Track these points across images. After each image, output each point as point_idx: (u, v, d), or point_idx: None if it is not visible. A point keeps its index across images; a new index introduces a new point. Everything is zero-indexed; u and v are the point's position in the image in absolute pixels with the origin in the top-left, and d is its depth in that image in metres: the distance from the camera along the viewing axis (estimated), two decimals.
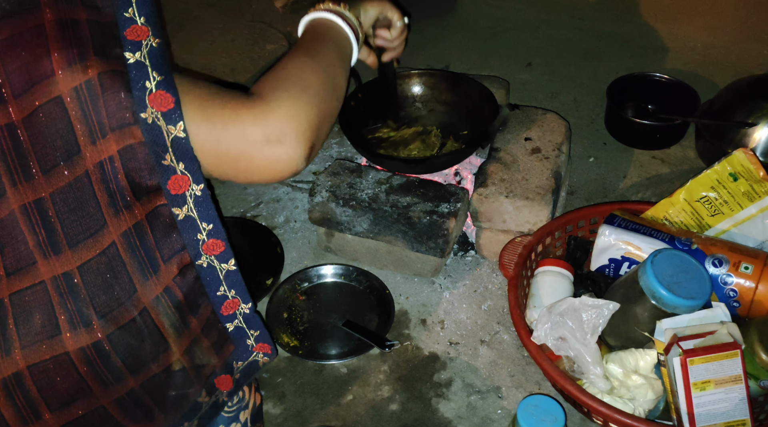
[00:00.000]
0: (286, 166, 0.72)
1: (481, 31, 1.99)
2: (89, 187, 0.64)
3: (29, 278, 0.64)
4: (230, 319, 0.81)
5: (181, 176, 0.69)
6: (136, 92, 0.64)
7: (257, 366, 0.88)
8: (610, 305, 0.96)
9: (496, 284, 1.25)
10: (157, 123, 0.66)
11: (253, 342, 0.85)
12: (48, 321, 0.64)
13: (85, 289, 0.65)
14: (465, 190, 1.23)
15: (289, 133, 0.71)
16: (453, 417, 1.05)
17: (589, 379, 0.95)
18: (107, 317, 0.66)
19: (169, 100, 0.66)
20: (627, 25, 1.96)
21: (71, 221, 0.63)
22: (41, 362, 0.65)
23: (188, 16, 2.07)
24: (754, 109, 1.36)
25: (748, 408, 0.88)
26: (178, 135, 0.67)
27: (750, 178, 1.07)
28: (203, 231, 0.73)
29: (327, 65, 0.82)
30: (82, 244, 0.64)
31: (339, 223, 1.22)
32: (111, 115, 0.63)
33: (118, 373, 0.69)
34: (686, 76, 1.63)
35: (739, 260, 1.00)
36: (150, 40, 0.66)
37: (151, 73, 0.66)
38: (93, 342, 0.66)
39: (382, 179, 1.24)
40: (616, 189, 1.44)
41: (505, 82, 1.44)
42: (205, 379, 0.80)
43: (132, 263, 0.67)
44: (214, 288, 0.78)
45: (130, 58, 0.64)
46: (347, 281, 1.25)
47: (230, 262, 0.77)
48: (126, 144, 0.65)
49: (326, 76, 0.80)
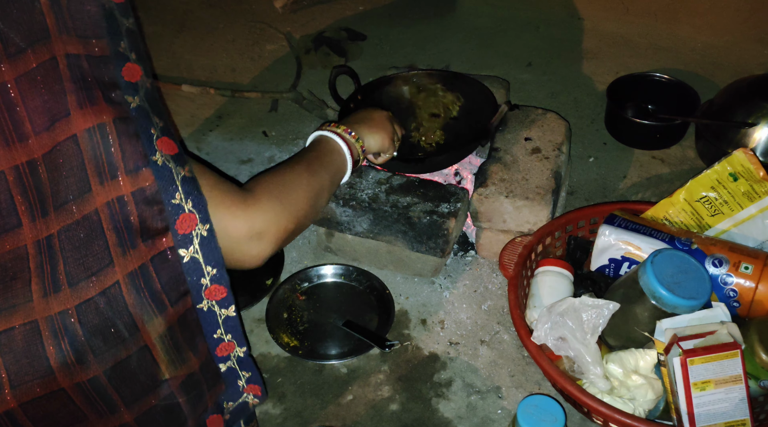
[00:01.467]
0: (254, 260, 0.81)
1: (481, 31, 1.99)
2: (98, 225, 0.65)
3: (19, 317, 0.63)
4: (224, 360, 0.83)
5: (189, 215, 0.70)
6: (143, 137, 0.67)
7: (247, 408, 0.89)
8: (610, 305, 0.96)
9: (496, 284, 1.25)
10: (168, 164, 0.69)
11: (244, 383, 0.87)
12: (38, 360, 0.63)
13: (82, 327, 0.64)
14: (465, 190, 1.23)
15: (268, 235, 0.80)
16: (453, 417, 1.05)
17: (589, 379, 0.95)
18: (105, 355, 0.66)
19: (173, 145, 0.70)
20: (627, 25, 1.97)
21: (74, 259, 0.64)
22: (35, 400, 0.65)
23: (189, 17, 2.07)
24: (754, 109, 1.36)
25: (748, 408, 0.88)
26: (186, 175, 0.70)
27: (750, 178, 1.07)
28: (207, 275, 0.74)
29: (320, 186, 0.93)
30: (83, 283, 0.64)
31: (339, 223, 1.22)
32: (127, 158, 0.65)
33: (114, 405, 0.69)
34: (686, 76, 1.63)
35: (739, 260, 1.00)
36: (144, 82, 0.68)
37: (153, 118, 0.68)
38: (88, 378, 0.66)
39: (382, 179, 1.24)
40: (616, 189, 1.44)
41: (505, 82, 1.44)
42: (198, 416, 0.80)
43: (135, 304, 0.67)
44: (212, 331, 0.79)
45: (131, 103, 0.66)
46: (347, 281, 1.26)
47: (230, 308, 0.79)
48: (139, 186, 0.66)
49: (315, 196, 0.90)
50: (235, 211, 0.76)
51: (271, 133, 1.62)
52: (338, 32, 1.94)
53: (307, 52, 1.87)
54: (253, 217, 0.78)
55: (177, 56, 1.90)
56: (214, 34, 1.99)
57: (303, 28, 1.99)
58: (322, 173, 0.94)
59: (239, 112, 1.69)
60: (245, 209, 0.77)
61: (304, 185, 0.89)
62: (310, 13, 2.07)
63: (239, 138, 1.60)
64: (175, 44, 1.94)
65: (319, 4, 2.10)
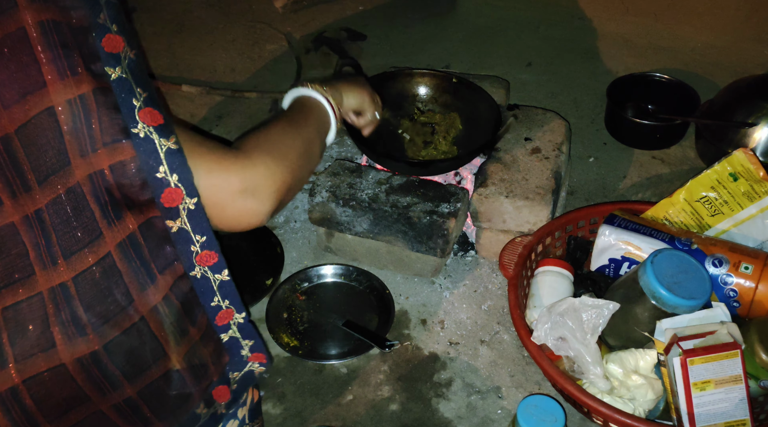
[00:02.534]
0: (252, 218, 0.77)
1: (481, 31, 1.99)
2: (83, 197, 0.64)
3: (26, 291, 0.63)
4: (224, 329, 0.82)
5: (175, 189, 0.69)
6: (124, 109, 0.65)
7: (253, 376, 0.88)
8: (610, 305, 0.96)
9: (496, 284, 1.25)
10: (150, 136, 0.67)
11: (248, 352, 0.86)
12: (42, 334, 0.64)
13: (80, 299, 0.64)
14: (465, 190, 1.23)
15: (263, 188, 0.77)
16: (453, 417, 1.05)
17: (589, 379, 0.95)
18: (103, 327, 0.66)
19: (158, 116, 0.68)
20: (627, 25, 1.97)
21: (64, 232, 0.63)
22: (37, 375, 0.65)
23: (189, 17, 2.07)
24: (754, 109, 1.36)
25: (748, 408, 0.88)
26: (171, 147, 0.68)
27: (750, 178, 1.07)
28: (197, 243, 0.73)
29: (307, 137, 0.90)
30: (76, 255, 0.64)
31: (339, 223, 1.22)
32: (104, 131, 0.64)
33: (116, 380, 0.69)
34: (686, 76, 1.63)
35: (739, 260, 1.00)
36: (127, 52, 0.66)
37: (136, 89, 0.67)
38: (90, 352, 0.66)
39: (382, 179, 1.24)
40: (616, 189, 1.44)
41: (505, 82, 1.44)
42: (203, 389, 0.80)
43: (129, 273, 0.67)
44: (209, 299, 0.78)
45: (111, 74, 0.65)
46: (347, 281, 1.25)
47: (224, 272, 0.78)
48: (117, 160, 0.65)
49: (304, 146, 0.87)
50: (225, 165, 0.74)
51: None
52: (338, 32, 1.94)
53: (307, 52, 1.87)
54: (244, 170, 0.75)
55: (176, 56, 1.90)
56: (214, 34, 1.99)
57: (303, 28, 1.99)
58: (307, 125, 0.92)
59: (239, 112, 1.69)
60: (235, 162, 0.75)
61: (292, 138, 0.86)
62: (310, 13, 2.07)
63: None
64: (174, 44, 1.94)
65: (319, 4, 2.09)
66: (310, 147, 0.90)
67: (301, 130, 0.89)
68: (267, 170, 0.77)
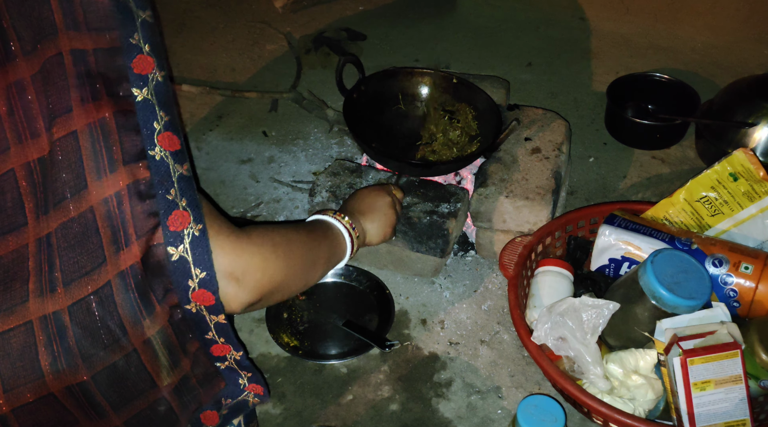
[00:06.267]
0: (229, 303, 0.74)
1: (481, 31, 1.99)
2: (93, 223, 0.64)
3: (16, 318, 0.63)
4: (221, 360, 0.80)
5: (183, 212, 0.69)
6: (145, 131, 0.66)
7: (246, 406, 0.87)
8: (610, 305, 0.96)
9: (496, 284, 1.25)
10: (166, 160, 0.67)
11: (246, 382, 0.84)
12: (30, 363, 0.63)
13: (73, 328, 0.64)
14: (465, 190, 1.23)
15: (249, 278, 0.74)
16: (453, 417, 1.05)
17: (589, 379, 0.95)
18: (94, 358, 0.65)
19: (176, 141, 0.68)
20: (627, 25, 1.97)
21: (69, 258, 0.64)
22: (26, 405, 0.64)
23: (189, 17, 2.07)
24: (754, 109, 1.36)
25: (748, 408, 0.88)
26: (184, 173, 0.69)
27: (750, 178, 1.07)
28: (195, 278, 0.70)
29: (316, 253, 0.89)
30: (76, 282, 0.64)
31: None
32: (125, 152, 0.64)
33: (102, 410, 0.69)
34: (686, 76, 1.63)
35: (739, 260, 1.00)
36: (156, 74, 0.67)
37: (158, 112, 0.67)
38: (77, 382, 0.65)
39: (382, 179, 1.24)
40: (616, 189, 1.44)
41: (505, 82, 1.44)
42: (190, 414, 0.79)
43: (125, 305, 0.66)
44: (203, 332, 0.76)
45: (137, 95, 0.65)
46: (347, 281, 1.26)
47: (220, 316, 0.75)
48: (134, 179, 0.65)
49: (310, 259, 0.87)
50: (222, 241, 0.72)
51: (271, 133, 1.62)
52: (338, 32, 1.94)
53: (307, 52, 1.87)
54: (238, 253, 0.73)
55: (177, 56, 1.90)
56: (214, 34, 1.99)
57: (303, 28, 1.99)
58: (320, 249, 0.91)
59: (239, 111, 1.69)
60: (233, 242, 0.73)
61: (302, 245, 0.85)
62: (310, 13, 2.07)
63: (239, 138, 1.60)
64: (175, 44, 1.94)
65: (319, 4, 2.09)
66: (314, 264, 0.89)
67: (313, 245, 0.89)
68: (262, 261, 0.76)
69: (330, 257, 0.94)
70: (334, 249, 0.95)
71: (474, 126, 1.33)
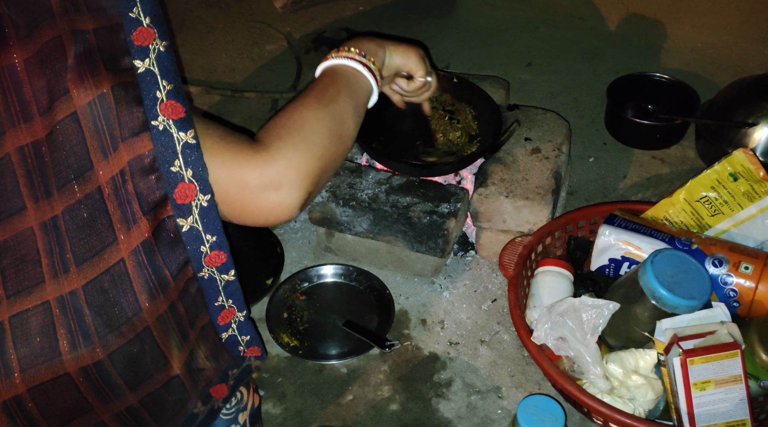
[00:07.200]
0: (280, 213, 0.74)
1: (481, 31, 1.98)
2: (101, 203, 0.64)
3: (33, 299, 0.63)
4: (225, 329, 0.82)
5: (189, 184, 0.68)
6: (147, 102, 0.65)
7: (250, 370, 0.88)
8: (610, 305, 0.96)
9: (496, 284, 1.25)
10: (169, 130, 0.66)
11: (244, 347, 0.86)
12: (48, 343, 0.64)
13: (89, 307, 0.64)
14: (465, 190, 1.23)
15: (286, 182, 0.73)
16: (453, 417, 1.05)
17: (589, 379, 0.95)
18: (109, 337, 0.66)
19: (180, 109, 0.67)
20: (627, 25, 1.96)
21: (79, 239, 0.64)
22: (42, 384, 0.64)
23: (189, 16, 2.07)
24: (754, 109, 1.36)
25: (748, 408, 0.88)
26: (189, 141, 0.68)
27: (750, 178, 1.07)
28: (207, 243, 0.72)
29: (338, 113, 0.82)
30: (88, 262, 0.64)
31: (339, 223, 1.22)
32: (123, 126, 0.64)
33: (118, 390, 0.69)
34: (686, 76, 1.63)
35: (739, 260, 1.00)
36: (157, 44, 0.66)
37: (161, 81, 0.66)
38: (94, 362, 0.66)
39: (382, 179, 1.24)
40: (616, 189, 1.44)
41: (505, 82, 1.44)
42: (201, 390, 0.80)
43: (139, 282, 0.66)
44: (213, 299, 0.77)
45: (139, 67, 0.65)
46: (347, 281, 1.25)
47: (230, 272, 0.77)
48: (136, 154, 0.65)
49: (334, 125, 0.80)
50: (242, 161, 0.71)
51: None
52: (338, 32, 1.94)
53: (307, 52, 1.87)
54: (262, 166, 0.71)
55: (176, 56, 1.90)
56: (214, 34, 1.99)
57: (303, 28, 1.99)
58: (338, 99, 0.83)
59: (239, 111, 1.69)
60: (252, 157, 0.71)
61: (319, 119, 0.79)
62: (310, 13, 2.07)
63: None
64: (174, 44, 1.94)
65: (319, 4, 2.09)
66: (341, 125, 0.82)
67: (330, 107, 0.81)
68: (288, 163, 0.73)
69: (356, 102, 0.86)
70: (354, 90, 0.86)
71: (474, 126, 1.33)
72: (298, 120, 0.78)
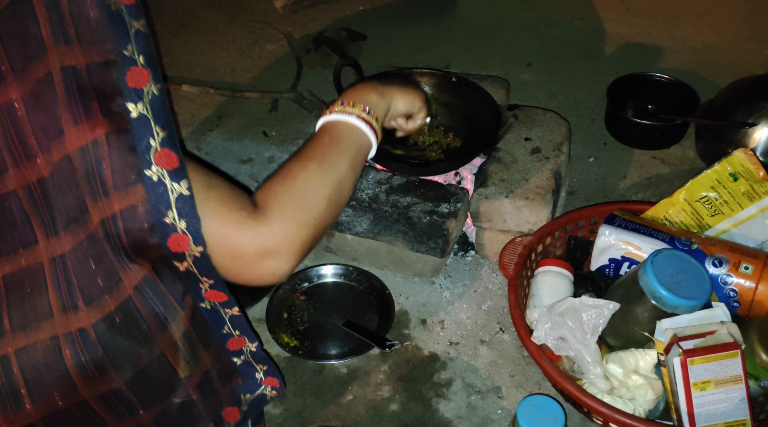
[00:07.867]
0: (271, 277, 0.74)
1: (481, 31, 1.99)
2: (101, 244, 0.64)
3: (41, 332, 0.64)
4: (237, 354, 0.82)
5: (182, 236, 0.67)
6: (140, 149, 0.63)
7: (265, 400, 0.88)
8: (610, 305, 0.96)
9: (496, 284, 1.25)
10: (163, 180, 0.65)
11: (262, 376, 0.86)
12: (59, 375, 0.64)
13: (101, 345, 0.65)
14: (465, 191, 1.23)
15: (283, 251, 0.72)
16: (453, 417, 1.05)
17: (589, 379, 0.95)
18: (124, 368, 0.67)
19: (174, 158, 0.66)
20: (627, 25, 1.97)
21: (86, 278, 0.65)
22: (57, 413, 0.66)
23: (189, 16, 2.07)
24: (754, 109, 1.36)
25: (748, 408, 0.88)
26: (183, 193, 0.66)
27: (750, 178, 1.07)
28: (204, 283, 0.73)
29: (337, 179, 0.79)
30: (98, 301, 0.65)
31: (339, 223, 1.22)
32: (116, 175, 0.63)
33: (133, 409, 0.71)
34: (686, 76, 1.63)
35: (739, 260, 1.00)
36: (151, 87, 0.64)
37: (155, 127, 0.64)
38: (110, 389, 0.67)
39: (382, 179, 1.24)
40: (616, 189, 1.44)
41: (505, 82, 1.44)
42: (212, 411, 0.81)
43: (149, 314, 0.68)
44: (218, 327, 0.78)
45: (132, 111, 0.63)
46: (347, 281, 1.25)
47: (234, 309, 0.77)
48: (129, 204, 0.64)
49: (334, 193, 0.79)
50: (243, 231, 0.70)
51: (271, 133, 1.62)
52: (338, 32, 1.94)
53: (307, 52, 1.87)
54: (261, 237, 0.71)
55: (176, 56, 1.90)
56: (214, 34, 1.99)
57: (303, 28, 1.99)
58: (339, 163, 0.80)
59: (239, 112, 1.69)
60: (254, 227, 0.70)
61: (319, 184, 0.77)
62: (310, 13, 2.07)
63: (239, 138, 1.60)
64: (174, 44, 1.94)
65: (319, 4, 2.09)
66: (340, 190, 0.80)
67: (331, 172, 0.79)
68: (287, 235, 0.72)
69: (356, 163, 0.83)
70: (355, 150, 0.83)
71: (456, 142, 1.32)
72: (299, 187, 0.76)
